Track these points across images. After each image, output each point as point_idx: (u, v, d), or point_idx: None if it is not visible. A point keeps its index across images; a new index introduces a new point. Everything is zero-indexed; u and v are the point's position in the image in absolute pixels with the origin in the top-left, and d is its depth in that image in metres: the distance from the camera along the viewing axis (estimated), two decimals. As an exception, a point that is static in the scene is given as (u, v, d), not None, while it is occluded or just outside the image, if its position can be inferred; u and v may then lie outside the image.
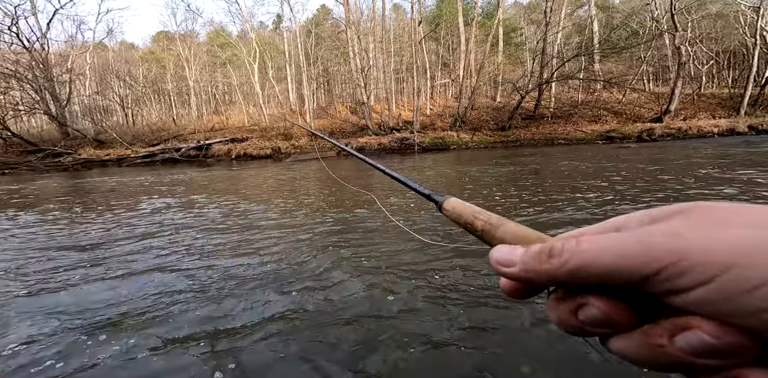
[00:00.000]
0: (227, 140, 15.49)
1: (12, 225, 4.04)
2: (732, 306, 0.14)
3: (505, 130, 16.50)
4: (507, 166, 7.63)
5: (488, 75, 23.73)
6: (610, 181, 4.88)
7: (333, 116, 21.32)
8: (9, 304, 2.02)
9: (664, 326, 0.15)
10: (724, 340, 0.14)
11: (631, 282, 0.15)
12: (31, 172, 11.79)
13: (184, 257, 2.64)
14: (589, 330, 0.17)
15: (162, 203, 4.97)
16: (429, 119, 19.19)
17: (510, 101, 18.79)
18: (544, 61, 17.45)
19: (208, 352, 1.47)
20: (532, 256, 0.18)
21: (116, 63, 23.52)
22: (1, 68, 16.13)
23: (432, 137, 15.67)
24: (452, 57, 27.74)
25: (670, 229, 0.15)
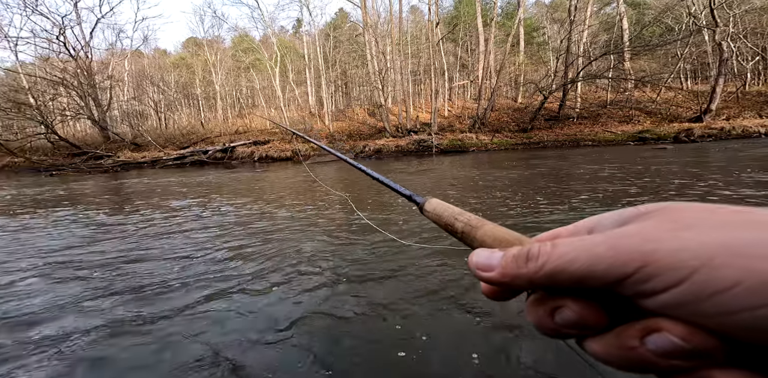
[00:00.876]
0: (250, 143, 16.09)
1: (64, 220, 4.44)
2: (700, 309, 0.14)
3: (526, 131, 16.05)
4: (527, 168, 7.38)
5: (509, 75, 23.24)
6: (642, 184, 4.59)
7: (351, 118, 21.63)
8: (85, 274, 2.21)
9: (635, 328, 0.15)
10: (692, 342, 0.14)
11: (606, 285, 0.16)
12: (76, 173, 12.67)
13: (199, 246, 2.83)
14: (565, 332, 0.17)
15: (190, 203, 5.26)
16: (447, 121, 19.03)
17: (532, 102, 18.29)
18: (568, 61, 16.90)
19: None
20: (510, 261, 0.18)
21: (150, 69, 25.17)
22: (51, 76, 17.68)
23: (450, 139, 15.51)
24: (471, 58, 27.44)
25: (638, 232, 0.16)
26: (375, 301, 1.87)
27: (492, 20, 19.04)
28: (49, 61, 18.98)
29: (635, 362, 0.15)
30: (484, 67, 18.94)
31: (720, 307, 0.13)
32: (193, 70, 25.27)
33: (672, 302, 0.14)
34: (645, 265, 0.14)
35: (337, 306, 1.84)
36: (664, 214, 0.16)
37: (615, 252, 0.15)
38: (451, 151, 14.55)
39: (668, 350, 0.14)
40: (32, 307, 1.96)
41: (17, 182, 9.74)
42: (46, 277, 2.45)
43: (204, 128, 20.22)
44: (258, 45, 23.12)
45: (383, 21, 23.02)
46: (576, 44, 17.90)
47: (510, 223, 3.19)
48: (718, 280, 0.13)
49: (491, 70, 20.29)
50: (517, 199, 4.15)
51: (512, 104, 20.70)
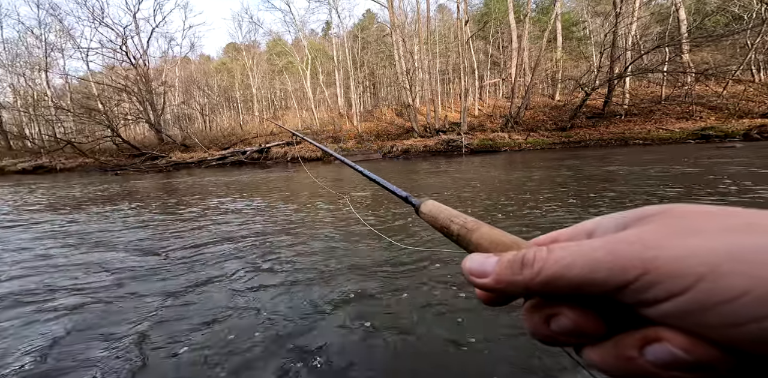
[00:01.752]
0: (284, 143, 16.85)
1: (127, 214, 5.01)
2: (704, 319, 0.13)
3: (566, 130, 15.04)
4: (565, 168, 6.84)
5: (545, 72, 22.06)
6: (709, 186, 4.01)
7: (378, 119, 21.84)
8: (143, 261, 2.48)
9: (634, 337, 0.15)
10: (693, 354, 0.13)
11: (605, 292, 0.15)
12: (136, 172, 13.95)
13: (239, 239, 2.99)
14: (562, 339, 0.17)
15: (230, 200, 5.71)
16: (478, 120, 18.46)
17: (572, 99, 17.14)
18: (614, 55, 15.64)
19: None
20: (504, 267, 0.18)
21: (196, 74, 27.50)
22: (116, 83, 20.00)
23: (481, 139, 15.00)
24: (503, 55, 26.49)
25: (639, 237, 0.15)
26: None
27: (525, 16, 18.25)
28: (114, 70, 21.49)
29: (633, 373, 0.15)
30: (517, 64, 18.17)
31: (726, 318, 0.12)
32: (233, 74, 27.19)
33: (675, 311, 0.14)
34: (646, 273, 0.14)
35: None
36: (666, 218, 0.15)
37: (614, 258, 0.15)
38: (482, 151, 14.05)
39: (668, 362, 0.14)
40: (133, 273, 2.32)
41: (88, 181, 10.93)
42: (132, 252, 2.89)
43: (242, 130, 21.61)
44: (290, 48, 24.32)
45: (410, 21, 23.10)
46: (623, 38, 16.57)
47: (536, 233, 2.97)
48: (724, 289, 0.12)
49: (525, 67, 19.40)
50: (549, 203, 3.81)
51: (549, 102, 19.58)
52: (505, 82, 23.77)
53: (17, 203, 6.39)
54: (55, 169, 16.85)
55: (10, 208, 5.82)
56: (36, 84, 23.71)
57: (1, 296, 2.11)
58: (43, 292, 2.16)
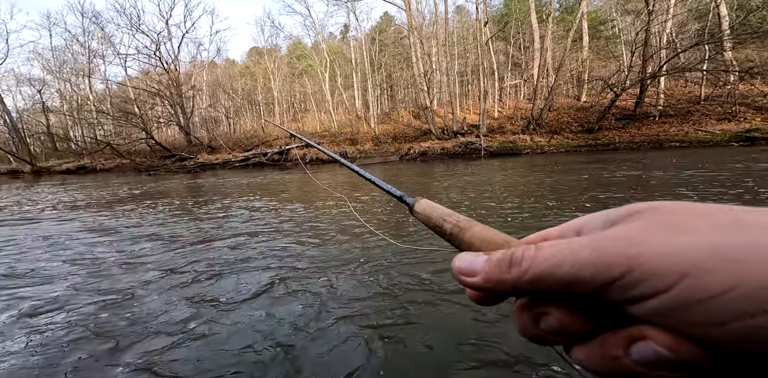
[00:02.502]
0: (303, 146, 17.21)
1: (162, 210, 5.38)
2: (688, 317, 0.13)
3: (593, 132, 14.35)
4: (591, 173, 6.43)
5: (570, 73, 21.26)
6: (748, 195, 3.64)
7: (396, 121, 21.88)
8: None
9: (620, 336, 0.15)
10: (677, 353, 0.13)
11: (592, 291, 0.15)
12: (167, 173, 14.69)
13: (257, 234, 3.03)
14: (550, 339, 0.17)
15: (251, 199, 6.02)
16: (497, 122, 18.05)
17: (600, 100, 16.36)
18: (647, 54, 14.82)
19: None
20: (493, 266, 0.17)
21: (222, 78, 28.83)
22: (150, 88, 21.33)
23: (501, 141, 14.63)
24: (524, 56, 25.81)
25: (625, 234, 0.15)
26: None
27: (549, 16, 17.72)
28: (149, 75, 22.96)
29: (620, 372, 0.15)
30: (540, 65, 17.64)
31: (709, 316, 0.12)
32: (256, 77, 28.22)
33: (659, 309, 0.13)
34: (631, 270, 0.14)
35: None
36: (652, 215, 0.15)
37: (600, 255, 0.14)
38: (502, 153, 13.68)
39: (653, 360, 0.14)
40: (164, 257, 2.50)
41: (124, 180, 11.69)
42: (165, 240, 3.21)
43: (264, 132, 22.35)
44: (310, 51, 24.96)
45: (428, 23, 23.06)
46: (656, 36, 15.68)
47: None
48: (708, 287, 0.12)
49: (549, 67, 18.78)
50: (571, 209, 3.60)
51: (574, 103, 18.82)
52: (526, 83, 23.13)
53: (66, 200, 6.95)
54: (95, 169, 18.13)
55: (62, 205, 6.34)
56: (80, 89, 25.81)
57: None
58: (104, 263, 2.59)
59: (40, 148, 24.91)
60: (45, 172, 19.03)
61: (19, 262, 2.88)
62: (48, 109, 25.04)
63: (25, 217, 5.00)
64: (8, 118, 23.55)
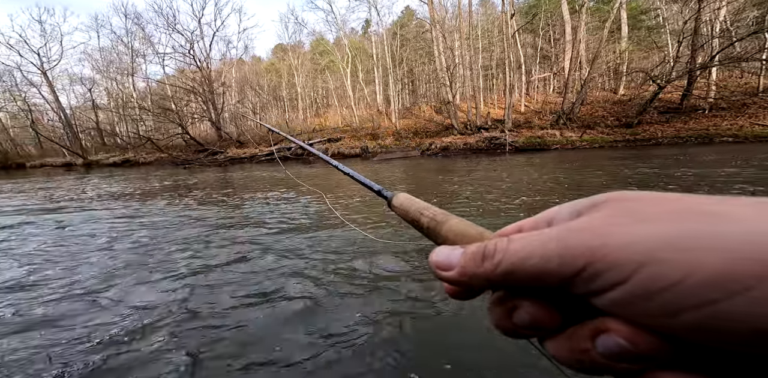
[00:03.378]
0: (325, 140, 17.50)
1: (194, 201, 5.76)
2: (645, 308, 0.13)
3: (631, 126, 13.31)
4: (625, 168, 5.92)
5: (606, 65, 19.86)
6: None
7: (417, 116, 21.61)
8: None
9: (586, 329, 0.15)
10: (636, 345, 0.13)
11: (560, 283, 0.15)
12: (200, 166, 15.51)
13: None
14: (522, 332, 0.17)
15: (276, 191, 6.28)
16: (524, 117, 17.26)
17: (640, 93, 15.10)
18: (696, 44, 13.46)
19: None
20: (468, 259, 0.17)
21: (249, 75, 29.86)
22: (185, 85, 22.61)
23: (527, 136, 13.97)
24: (554, 48, 24.44)
25: (588, 225, 0.15)
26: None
27: (582, 7, 16.58)
28: (184, 73, 24.35)
29: (588, 365, 0.15)
30: (572, 57, 16.58)
31: (664, 306, 0.12)
32: (280, 74, 28.89)
33: (619, 301, 0.13)
34: (593, 262, 0.13)
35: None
36: (614, 204, 0.15)
37: (565, 247, 0.14)
38: (529, 149, 13.05)
39: (615, 353, 0.14)
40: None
41: (163, 173, 12.42)
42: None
43: (288, 127, 23.00)
44: (332, 47, 25.20)
45: (451, 16, 22.44)
46: (708, 24, 14.21)
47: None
48: (662, 277, 0.12)
49: (582, 60, 17.66)
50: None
51: (610, 96, 17.56)
52: (556, 76, 21.91)
53: (117, 190, 7.58)
54: (138, 162, 19.59)
55: (116, 194, 6.93)
56: (125, 87, 27.98)
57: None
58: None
59: (90, 143, 27.30)
60: (95, 164, 20.87)
61: (84, 241, 3.17)
62: (97, 106, 27.37)
63: (85, 204, 5.52)
64: (63, 115, 26.06)
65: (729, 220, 0.12)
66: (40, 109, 28.92)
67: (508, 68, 16.31)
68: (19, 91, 26.86)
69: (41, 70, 25.43)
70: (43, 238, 3.30)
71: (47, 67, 25.68)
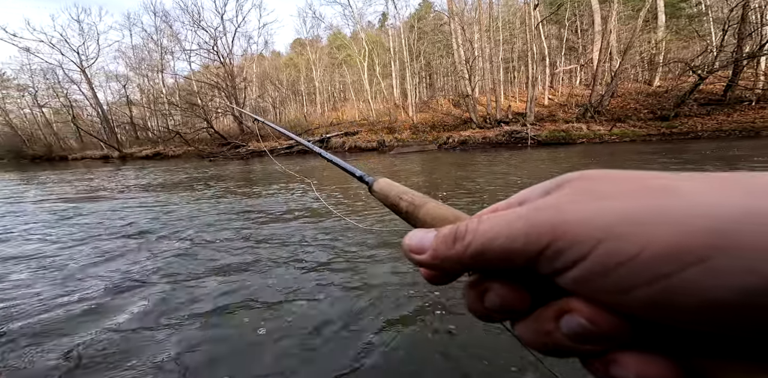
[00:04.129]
0: (342, 134, 17.60)
1: (217, 192, 6.05)
2: (603, 285, 0.13)
3: (668, 119, 12.41)
4: (655, 163, 5.56)
5: (639, 55, 18.59)
6: None
7: (434, 110, 21.24)
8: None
9: (551, 310, 0.14)
10: (597, 324, 0.13)
11: (527, 263, 0.14)
12: (224, 159, 16.07)
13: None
14: (495, 316, 0.16)
15: (289, 183, 6.56)
16: (547, 110, 16.53)
17: (678, 84, 14.03)
18: (744, 32, 12.31)
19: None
20: (440, 242, 0.17)
21: (269, 70, 30.44)
22: (210, 80, 23.40)
23: (551, 130, 13.38)
24: (582, 39, 23.13)
25: (553, 203, 0.14)
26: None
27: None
28: (208, 69, 25.20)
29: (554, 348, 0.14)
30: (601, 47, 15.64)
31: (619, 283, 0.12)
32: (299, 68, 29.13)
33: (579, 279, 0.13)
34: (556, 239, 0.13)
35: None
36: (578, 183, 0.15)
37: (530, 226, 0.14)
38: (552, 143, 12.50)
39: (579, 333, 0.13)
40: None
41: (191, 165, 13.00)
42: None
43: (306, 121, 23.32)
44: (349, 41, 25.17)
45: (470, 8, 21.75)
46: (756, 12, 12.96)
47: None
48: (618, 252, 0.12)
49: (612, 50, 16.61)
50: None
51: (644, 88, 16.44)
52: (584, 68, 20.77)
53: (154, 180, 8.04)
54: (167, 155, 20.63)
55: (154, 184, 7.37)
56: (155, 83, 29.41)
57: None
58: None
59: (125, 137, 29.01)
60: (129, 157, 22.16)
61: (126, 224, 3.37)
62: (131, 101, 28.97)
63: (124, 193, 5.98)
64: (100, 110, 27.77)
65: (681, 195, 0.12)
66: (79, 104, 30.98)
67: (531, 60, 15.63)
68: (62, 88, 28.87)
69: (80, 68, 27.13)
70: (82, 219, 3.59)
71: (86, 65, 27.35)
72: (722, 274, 0.11)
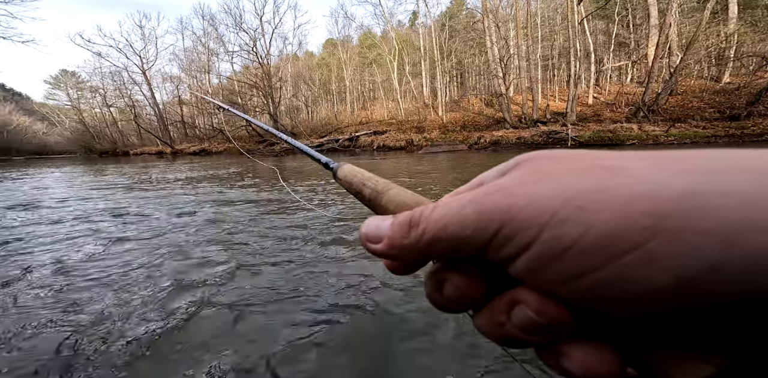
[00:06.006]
0: (371, 133, 17.73)
1: (251, 185, 6.19)
2: (548, 274, 0.12)
3: (738, 119, 10.83)
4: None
5: (705, 50, 16.50)
6: None
7: (465, 109, 20.60)
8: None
9: (503, 301, 0.14)
10: (544, 316, 0.12)
11: (476, 252, 0.13)
12: (260, 156, 17.01)
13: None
14: (452, 306, 0.15)
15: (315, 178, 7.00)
16: (591, 110, 15.27)
17: (753, 80, 12.23)
18: None
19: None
20: (396, 230, 0.16)
21: (303, 70, 31.33)
22: (249, 81, 24.83)
23: (595, 130, 12.31)
24: (634, 34, 21.10)
25: (502, 186, 0.13)
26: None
27: None
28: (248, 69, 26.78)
29: (507, 340, 0.14)
30: (659, 42, 14.11)
31: (563, 272, 0.11)
32: (330, 68, 29.79)
33: (527, 268, 0.12)
34: (504, 226, 0.12)
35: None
36: (529, 163, 0.14)
37: (480, 212, 0.13)
38: (596, 144, 11.48)
39: (528, 325, 0.13)
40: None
41: (231, 161, 13.76)
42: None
43: (336, 120, 23.90)
44: (379, 41, 25.32)
45: (505, 4, 20.79)
46: None
47: None
48: (561, 239, 0.11)
49: (672, 45, 14.91)
50: None
51: (710, 85, 14.54)
52: (636, 64, 18.92)
53: (196, 175, 8.80)
54: (212, 151, 22.31)
55: (196, 178, 7.92)
56: (202, 83, 31.93)
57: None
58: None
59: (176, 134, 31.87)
60: (179, 153, 24.29)
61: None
62: (182, 101, 31.79)
63: (177, 184, 6.46)
64: (157, 110, 30.71)
65: (627, 175, 0.11)
66: (140, 104, 34.51)
67: (574, 58, 14.54)
68: (126, 89, 32.37)
69: (142, 70, 30.21)
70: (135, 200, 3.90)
71: (146, 68, 30.42)
72: (659, 260, 0.10)
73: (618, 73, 20.48)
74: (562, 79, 20.16)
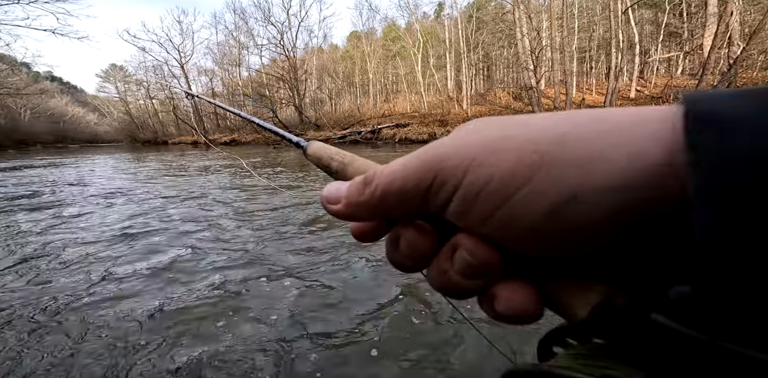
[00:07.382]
0: (393, 125, 17.45)
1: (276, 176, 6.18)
2: (473, 215, 0.13)
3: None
4: None
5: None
6: None
7: (492, 102, 19.66)
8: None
9: (446, 248, 0.14)
10: (476, 256, 0.13)
11: (421, 203, 0.14)
12: (286, 146, 17.21)
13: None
14: (410, 264, 0.16)
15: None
16: (633, 104, 13.95)
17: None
18: None
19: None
20: (353, 189, 0.16)
21: (327, 63, 31.33)
22: (276, 73, 25.30)
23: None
24: (687, 24, 18.97)
25: (440, 141, 0.14)
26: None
27: None
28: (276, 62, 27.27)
29: (453, 289, 0.14)
30: (717, 32, 12.55)
31: (482, 212, 0.12)
32: (354, 60, 29.50)
33: (458, 211, 0.13)
34: (437, 175, 0.13)
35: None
36: (471, 124, 0.15)
37: (419, 164, 0.14)
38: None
39: (464, 267, 0.13)
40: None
41: (258, 151, 14.19)
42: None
43: (359, 112, 23.84)
44: (403, 33, 24.72)
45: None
46: None
47: None
48: (477, 182, 0.12)
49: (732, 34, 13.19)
50: None
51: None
52: (688, 55, 17.06)
53: (225, 163, 9.23)
54: (241, 142, 23.16)
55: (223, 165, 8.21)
56: (233, 76, 33.07)
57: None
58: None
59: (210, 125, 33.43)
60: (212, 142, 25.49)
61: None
62: (215, 93, 33.17)
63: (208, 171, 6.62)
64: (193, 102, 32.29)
65: (529, 125, 0.13)
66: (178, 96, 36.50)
67: (615, 49, 13.29)
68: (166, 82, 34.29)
69: (180, 64, 31.76)
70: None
71: (184, 61, 31.95)
72: (539, 193, 0.11)
73: (667, 64, 18.59)
74: (600, 72, 18.65)
